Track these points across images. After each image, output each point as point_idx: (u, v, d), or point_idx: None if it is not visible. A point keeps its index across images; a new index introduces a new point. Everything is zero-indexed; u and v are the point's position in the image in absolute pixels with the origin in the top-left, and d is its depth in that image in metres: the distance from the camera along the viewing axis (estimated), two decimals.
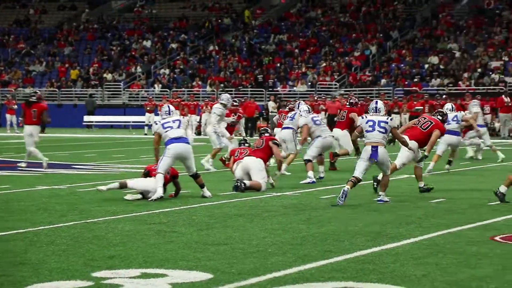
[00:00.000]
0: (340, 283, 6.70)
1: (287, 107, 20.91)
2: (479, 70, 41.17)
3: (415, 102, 34.73)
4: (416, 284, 6.68)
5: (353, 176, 12.04)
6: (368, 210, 11.27)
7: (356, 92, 39.93)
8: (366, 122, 12.45)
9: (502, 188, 12.07)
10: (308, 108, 17.02)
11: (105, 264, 7.49)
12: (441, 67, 42.47)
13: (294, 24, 52.23)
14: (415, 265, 7.38)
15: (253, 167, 14.01)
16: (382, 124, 12.31)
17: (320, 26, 50.97)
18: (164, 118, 13.02)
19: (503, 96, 33.52)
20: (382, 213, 10.94)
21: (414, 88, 39.83)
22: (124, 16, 58.71)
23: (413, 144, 13.39)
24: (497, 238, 8.86)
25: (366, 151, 12.25)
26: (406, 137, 13.23)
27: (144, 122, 39.06)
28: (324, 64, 45.66)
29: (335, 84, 43.24)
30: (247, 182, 13.71)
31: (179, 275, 7.02)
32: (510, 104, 32.97)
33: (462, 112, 18.97)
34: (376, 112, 12.57)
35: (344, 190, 11.80)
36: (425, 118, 14.06)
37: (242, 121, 18.99)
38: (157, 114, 38.36)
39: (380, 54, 46.71)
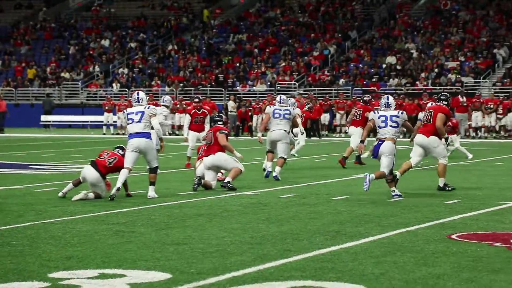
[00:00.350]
0: (299, 282, 6.72)
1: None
2: (436, 70, 41.59)
3: (373, 102, 34.93)
4: (374, 282, 6.72)
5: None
6: (327, 209, 11.31)
7: (315, 91, 40.12)
8: (379, 117, 12.79)
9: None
10: (294, 103, 18.07)
11: (62, 265, 7.42)
12: (398, 67, 42.81)
13: (253, 24, 52.29)
14: (374, 264, 7.42)
15: (220, 164, 14.02)
16: (394, 119, 12.67)
17: (279, 26, 51.10)
18: (132, 107, 13.04)
19: (459, 96, 33.89)
20: (341, 212, 10.99)
21: (372, 88, 40.11)
22: (81, 15, 58.24)
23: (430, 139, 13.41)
24: (453, 236, 8.95)
25: (373, 148, 12.76)
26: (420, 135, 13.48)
27: (102, 121, 38.79)
28: (283, 64, 45.78)
29: (294, 84, 43.36)
30: (202, 181, 13.69)
31: (137, 275, 6.97)
32: (465, 104, 33.36)
33: None
34: (387, 107, 12.92)
35: (367, 176, 12.26)
36: (426, 111, 13.82)
37: (207, 119, 18.87)
38: (115, 114, 38.22)
39: (339, 54, 46.97)
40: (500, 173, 17.05)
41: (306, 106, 24.99)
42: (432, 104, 17.99)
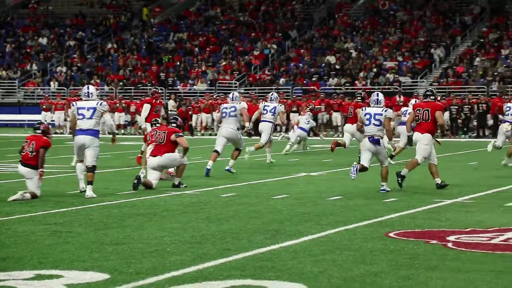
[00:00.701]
0: (238, 281, 6.72)
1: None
2: (374, 70, 42.05)
3: (313, 101, 35.17)
4: (313, 280, 6.75)
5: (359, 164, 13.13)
6: (267, 208, 11.33)
7: (256, 91, 40.18)
8: (364, 115, 13.25)
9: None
10: (277, 97, 19.55)
11: None
12: (337, 67, 43.16)
13: (193, 23, 52.13)
14: (313, 262, 7.46)
15: (166, 164, 14.00)
16: (377, 117, 13.07)
17: (219, 25, 51.05)
18: (82, 101, 12.99)
19: (396, 95, 34.33)
20: (281, 211, 11.03)
21: (312, 87, 40.36)
22: (18, 12, 57.29)
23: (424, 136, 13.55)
24: (391, 234, 9.05)
25: (364, 143, 13.20)
26: (417, 133, 13.64)
27: (40, 121, 38.23)
28: (224, 63, 45.75)
29: (235, 83, 43.38)
30: (142, 179, 13.61)
31: (74, 276, 6.89)
32: (402, 103, 33.77)
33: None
34: (377, 103, 13.28)
35: (355, 166, 12.92)
36: (420, 109, 13.74)
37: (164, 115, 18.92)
38: (53, 113, 37.68)
39: (279, 53, 47.14)
40: (439, 171, 17.28)
41: (309, 106, 25.55)
42: (416, 101, 18.40)
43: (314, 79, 42.02)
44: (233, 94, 17.38)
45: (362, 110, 13.46)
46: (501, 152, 19.03)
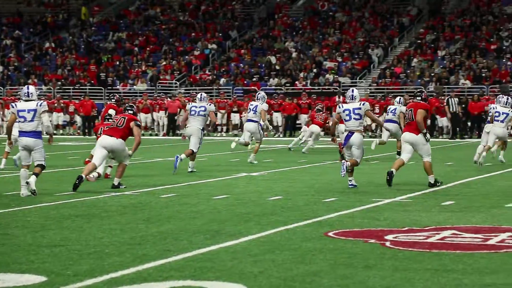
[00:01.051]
0: (178, 282, 6.69)
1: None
2: (314, 70, 42.34)
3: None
4: (253, 280, 6.76)
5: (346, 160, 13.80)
6: (208, 209, 11.31)
7: (197, 91, 40.07)
8: (343, 111, 13.88)
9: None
10: (263, 97, 20.22)
11: None
12: (277, 67, 43.32)
13: (133, 22, 51.78)
14: (253, 262, 7.47)
15: (116, 149, 13.81)
16: (357, 111, 13.75)
17: (159, 25, 50.80)
18: (22, 102, 12.85)
19: (336, 96, 34.63)
20: (221, 212, 11.02)
21: (253, 87, 40.45)
22: None
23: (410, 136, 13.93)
24: (330, 233, 9.11)
25: (344, 138, 14.06)
26: (410, 134, 13.95)
27: None
28: (164, 63, 45.55)
29: (176, 83, 43.22)
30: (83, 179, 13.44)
31: (10, 279, 6.77)
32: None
33: (402, 106, 20.51)
34: (352, 99, 13.96)
35: (344, 163, 13.54)
36: (407, 110, 14.23)
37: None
38: None
39: (220, 53, 47.13)
40: (375, 171, 17.48)
41: (318, 106, 26.06)
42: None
43: (254, 79, 42.12)
44: (201, 94, 18.09)
45: (339, 107, 14.05)
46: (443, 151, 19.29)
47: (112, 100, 19.30)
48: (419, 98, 14.23)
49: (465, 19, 45.00)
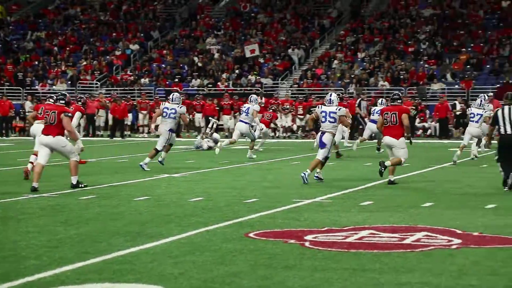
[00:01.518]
0: (96, 285, 6.62)
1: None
2: (236, 71, 42.43)
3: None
4: (173, 282, 6.74)
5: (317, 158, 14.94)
6: (128, 210, 11.22)
7: (118, 91, 39.70)
8: (321, 112, 15.00)
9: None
10: (256, 99, 21.51)
11: None
12: (200, 67, 43.26)
13: (53, 22, 50.97)
14: (173, 264, 7.45)
15: (56, 148, 13.59)
16: (332, 115, 14.83)
17: (79, 24, 50.14)
18: None
19: (258, 97, 34.71)
20: (142, 213, 10.94)
21: (175, 88, 40.27)
22: None
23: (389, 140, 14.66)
24: (251, 234, 9.15)
25: (318, 138, 15.13)
26: (389, 138, 14.63)
27: None
28: (84, 63, 44.96)
29: (96, 83, 42.71)
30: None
31: None
32: (264, 104, 34.24)
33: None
34: (330, 103, 14.99)
35: (304, 174, 14.63)
36: (388, 113, 14.71)
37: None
38: None
39: (141, 53, 46.79)
40: (297, 172, 17.63)
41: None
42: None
43: (176, 80, 41.96)
44: (173, 95, 18.41)
45: (318, 107, 15.27)
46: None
47: (79, 102, 19.12)
48: (400, 101, 14.90)
49: (384, 21, 45.76)
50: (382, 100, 23.00)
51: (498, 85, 36.32)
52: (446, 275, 7.00)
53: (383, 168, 14.47)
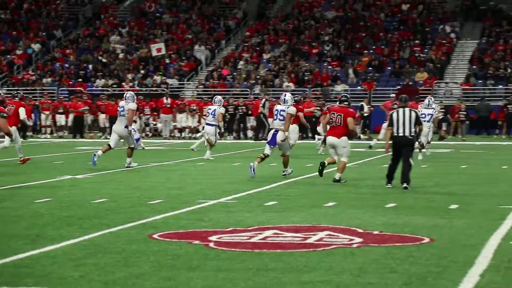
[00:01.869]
0: None
1: None
2: (142, 71, 42.10)
3: (79, 103, 34.57)
4: (73, 285, 6.63)
5: (263, 154, 15.93)
6: (29, 213, 10.98)
7: (20, 91, 38.82)
8: (275, 111, 16.01)
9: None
10: (220, 100, 21.79)
11: None
12: (103, 65, 42.75)
13: None
14: (73, 267, 7.33)
15: None
16: (282, 113, 15.81)
17: None
18: None
19: (164, 97, 34.60)
20: (43, 215, 10.73)
21: (78, 88, 39.68)
22: None
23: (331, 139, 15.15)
24: (155, 236, 9.09)
25: (270, 134, 15.99)
26: (332, 138, 15.10)
27: None
28: None
29: None
30: None
31: None
32: (169, 105, 34.13)
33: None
34: (284, 102, 15.96)
35: (251, 165, 15.49)
36: (334, 113, 15.13)
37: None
38: None
39: (44, 53, 45.91)
40: (202, 172, 17.64)
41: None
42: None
43: (80, 80, 41.34)
44: (126, 93, 18.81)
45: (275, 106, 16.28)
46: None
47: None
48: (347, 103, 15.25)
49: (288, 23, 46.21)
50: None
51: (399, 87, 37.16)
52: (347, 273, 7.12)
53: (321, 167, 15.18)
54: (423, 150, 21.58)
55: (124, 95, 18.68)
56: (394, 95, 27.04)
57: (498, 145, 27.63)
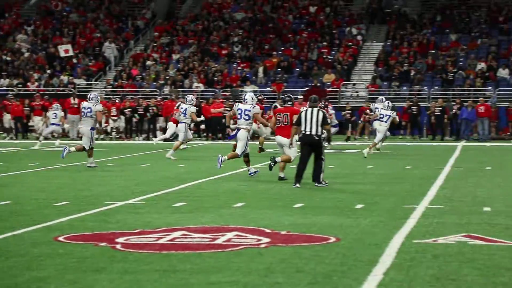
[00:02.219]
0: None
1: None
2: (48, 71, 41.32)
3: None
4: None
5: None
6: None
7: None
8: (237, 110, 16.14)
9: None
10: (192, 99, 22.18)
11: None
12: (7, 64, 41.81)
13: None
14: None
15: None
16: (246, 112, 15.99)
17: None
18: None
19: (71, 98, 34.05)
20: None
21: None
22: None
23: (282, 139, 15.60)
24: (60, 238, 8.95)
25: (234, 132, 16.37)
26: (281, 137, 15.57)
27: None
28: None
29: None
30: None
31: None
32: (77, 105, 33.59)
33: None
34: (245, 101, 16.14)
35: (219, 156, 16.03)
36: (280, 114, 15.71)
37: None
38: None
39: None
40: (110, 174, 17.43)
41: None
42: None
43: None
44: (90, 94, 19.02)
45: (236, 105, 16.44)
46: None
47: None
48: (290, 103, 15.94)
49: (197, 24, 46.15)
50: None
51: (307, 88, 37.58)
52: (254, 273, 7.16)
53: (273, 163, 15.38)
54: (377, 145, 23.28)
55: (88, 96, 18.93)
56: (302, 96, 27.29)
57: (402, 146, 28.26)
